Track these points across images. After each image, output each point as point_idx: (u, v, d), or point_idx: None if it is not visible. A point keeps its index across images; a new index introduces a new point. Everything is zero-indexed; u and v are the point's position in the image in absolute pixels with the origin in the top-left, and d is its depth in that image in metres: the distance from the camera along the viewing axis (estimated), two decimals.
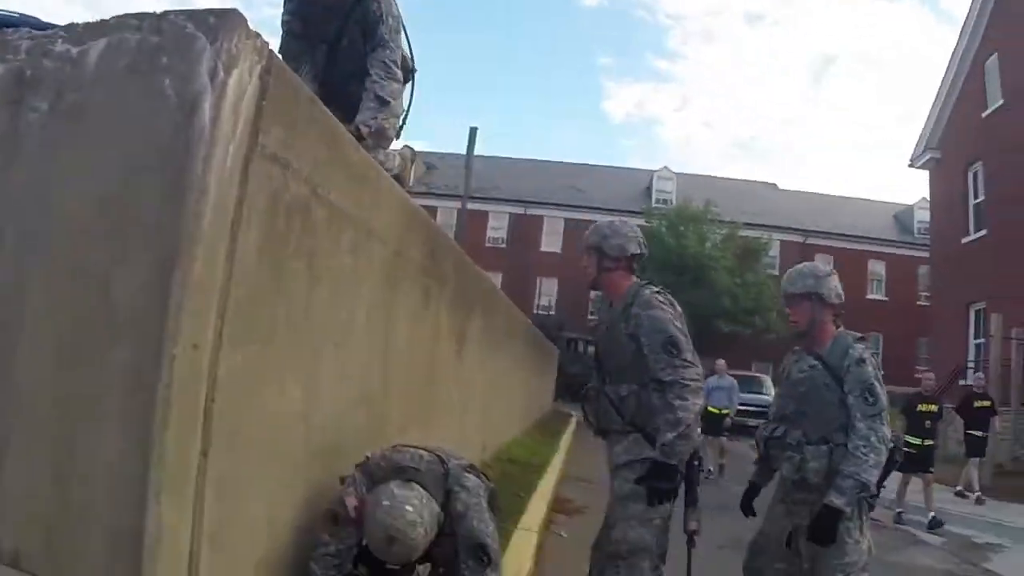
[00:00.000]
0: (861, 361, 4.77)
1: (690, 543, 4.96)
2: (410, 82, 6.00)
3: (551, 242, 55.10)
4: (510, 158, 59.61)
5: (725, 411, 17.39)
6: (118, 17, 3.15)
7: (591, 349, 26.66)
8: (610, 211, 51.25)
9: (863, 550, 4.72)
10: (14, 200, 3.21)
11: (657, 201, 54.28)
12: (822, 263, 5.32)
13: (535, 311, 48.39)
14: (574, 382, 35.24)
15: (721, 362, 18.16)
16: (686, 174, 57.69)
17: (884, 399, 4.71)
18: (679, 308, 5.03)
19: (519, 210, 55.85)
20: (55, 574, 2.88)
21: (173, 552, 2.84)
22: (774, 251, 49.88)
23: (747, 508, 5.43)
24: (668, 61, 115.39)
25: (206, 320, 2.88)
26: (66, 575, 2.87)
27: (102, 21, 3.21)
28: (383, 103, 5.29)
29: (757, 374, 36.41)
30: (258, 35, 3.02)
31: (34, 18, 8.01)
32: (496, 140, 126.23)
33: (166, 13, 3.00)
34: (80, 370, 2.90)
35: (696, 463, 4.93)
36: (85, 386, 2.87)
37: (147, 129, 2.89)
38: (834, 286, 5.05)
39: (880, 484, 4.76)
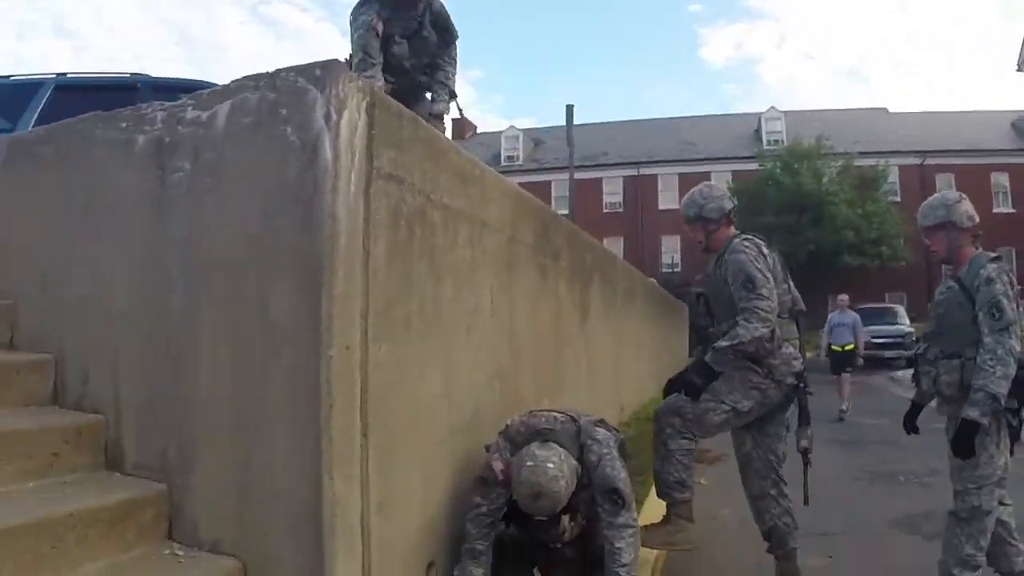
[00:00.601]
0: (989, 280, 4.90)
1: (805, 460, 5.43)
2: None
3: (668, 199, 54.56)
4: (616, 122, 59.47)
5: (849, 347, 16.62)
6: (236, 81, 3.73)
7: None
8: (721, 159, 50.86)
9: (998, 465, 4.86)
10: (173, 244, 3.85)
11: (768, 143, 53.02)
12: (950, 190, 5.46)
13: (661, 270, 48.23)
14: (706, 335, 35.25)
15: (843, 297, 17.44)
16: (794, 111, 56.26)
17: (1011, 314, 4.83)
18: (767, 250, 5.42)
19: (632, 172, 55.55)
20: (250, 552, 3.49)
21: (346, 522, 3.37)
22: (893, 177, 48.01)
23: (908, 426, 5.64)
24: None
25: (353, 324, 3.42)
26: (260, 552, 3.46)
27: (224, 87, 3.81)
28: (453, 96, 6.46)
29: (890, 305, 35.26)
30: (359, 75, 3.54)
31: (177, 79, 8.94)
32: (599, 105, 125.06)
33: (278, 72, 3.55)
34: (252, 377, 3.47)
35: (802, 385, 5.37)
36: (257, 390, 3.45)
37: (278, 172, 3.43)
38: (965, 210, 5.17)
39: (1021, 403, 4.89)
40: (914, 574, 5.64)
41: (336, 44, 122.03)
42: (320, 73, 3.40)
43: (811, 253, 41.51)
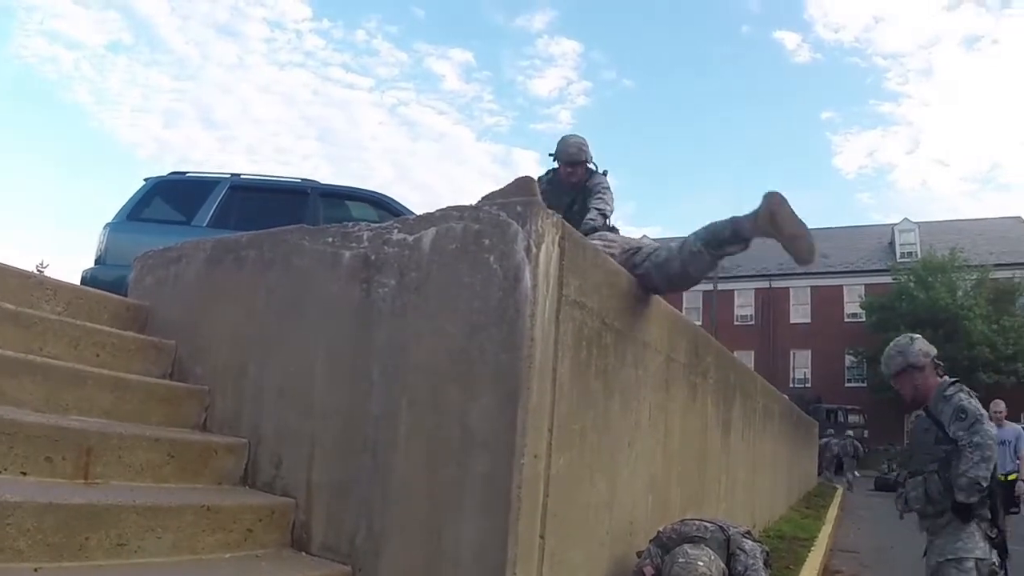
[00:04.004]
0: (946, 397, 5.38)
1: None
2: None
3: (800, 313, 54.29)
4: None
5: (1012, 476, 11.49)
6: (441, 210, 4.20)
7: (851, 418, 26.25)
8: (855, 272, 50.25)
9: (979, 546, 5.19)
10: (375, 351, 4.29)
11: (901, 255, 52.26)
12: (901, 336, 6.02)
13: (791, 385, 47.63)
14: (837, 454, 34.59)
15: (999, 405, 12.08)
16: (927, 222, 55.29)
17: (975, 409, 5.20)
18: None
19: (764, 284, 55.27)
20: None
21: None
22: None
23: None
24: (891, 103, 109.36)
25: (541, 435, 3.80)
26: None
27: (428, 214, 4.28)
28: (604, 216, 6.87)
29: None
30: (553, 213, 3.95)
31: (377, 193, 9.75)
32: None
33: (480, 204, 4.02)
34: (446, 476, 3.83)
35: None
36: (450, 489, 3.80)
37: (481, 296, 3.86)
38: (919, 349, 5.67)
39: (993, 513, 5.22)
40: None
41: (470, 147, 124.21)
42: (521, 209, 3.84)
43: (945, 371, 40.48)
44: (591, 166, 7.25)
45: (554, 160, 7.30)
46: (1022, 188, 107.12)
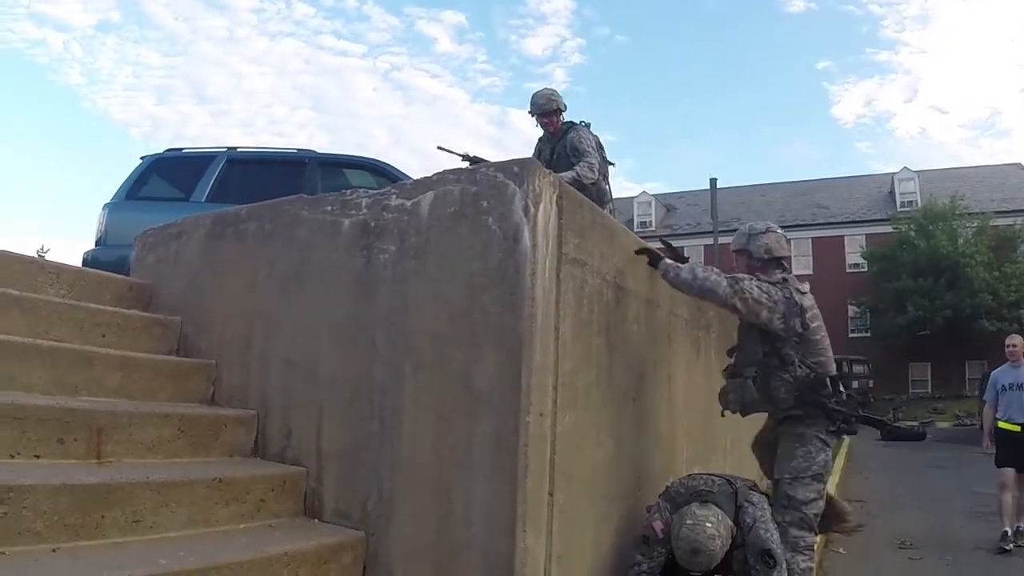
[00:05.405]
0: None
1: None
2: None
3: (801, 264, 53.41)
4: (748, 185, 58.82)
5: None
6: (438, 174, 4.23)
7: (856, 368, 25.92)
8: (855, 222, 49.93)
9: (816, 461, 5.16)
10: (378, 317, 4.33)
11: (902, 204, 51.12)
12: (759, 221, 5.83)
13: None
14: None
15: (1016, 340, 10.08)
16: (927, 171, 54.10)
17: (743, 283, 5.05)
18: None
19: None
20: None
21: (535, 571, 3.73)
22: None
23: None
24: (888, 52, 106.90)
25: (546, 393, 3.84)
26: None
27: (426, 178, 4.31)
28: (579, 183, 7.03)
29: None
30: (550, 172, 3.98)
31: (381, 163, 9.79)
32: (731, 168, 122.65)
33: (477, 167, 4.03)
34: (454, 438, 3.88)
35: None
36: (458, 450, 3.86)
37: (481, 258, 3.90)
38: (764, 244, 5.50)
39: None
40: None
41: (465, 109, 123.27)
42: (518, 170, 3.87)
43: (948, 319, 40.57)
44: (574, 120, 7.58)
45: (531, 115, 7.68)
46: (1021, 134, 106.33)
